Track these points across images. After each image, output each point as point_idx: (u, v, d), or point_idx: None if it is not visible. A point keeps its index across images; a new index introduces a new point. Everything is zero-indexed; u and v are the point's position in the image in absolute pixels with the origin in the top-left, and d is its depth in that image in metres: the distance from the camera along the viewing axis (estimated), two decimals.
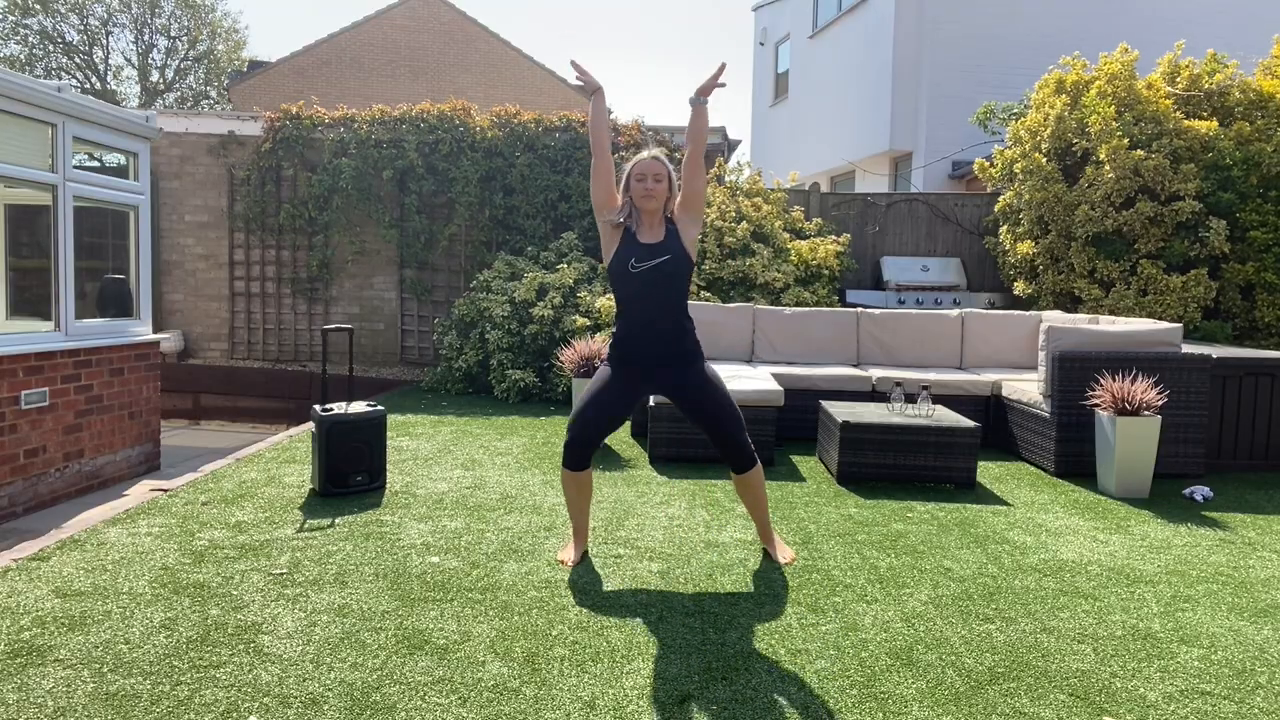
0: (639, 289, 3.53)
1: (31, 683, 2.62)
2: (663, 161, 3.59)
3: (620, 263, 3.55)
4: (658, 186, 3.53)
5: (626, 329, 3.60)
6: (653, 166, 3.56)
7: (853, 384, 6.47)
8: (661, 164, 3.57)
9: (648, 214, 3.57)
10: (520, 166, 9.55)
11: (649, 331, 3.56)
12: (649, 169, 3.55)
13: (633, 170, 3.58)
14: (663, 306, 3.55)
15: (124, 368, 6.23)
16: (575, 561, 3.74)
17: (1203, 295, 7.49)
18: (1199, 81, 8.21)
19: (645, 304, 3.55)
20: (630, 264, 3.52)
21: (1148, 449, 5.03)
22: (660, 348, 3.57)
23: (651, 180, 3.53)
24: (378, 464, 4.85)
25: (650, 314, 3.56)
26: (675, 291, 3.56)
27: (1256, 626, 3.23)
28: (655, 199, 3.54)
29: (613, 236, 3.60)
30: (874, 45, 14.31)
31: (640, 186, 3.54)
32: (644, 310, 3.56)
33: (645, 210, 3.56)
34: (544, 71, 24.08)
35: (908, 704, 2.60)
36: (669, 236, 3.56)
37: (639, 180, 3.55)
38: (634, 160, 3.61)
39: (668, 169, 3.58)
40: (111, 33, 32.04)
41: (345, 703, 2.54)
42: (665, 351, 3.58)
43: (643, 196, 3.53)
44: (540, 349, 8.33)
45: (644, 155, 3.62)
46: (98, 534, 3.99)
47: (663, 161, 3.59)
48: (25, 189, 5.83)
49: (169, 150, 9.95)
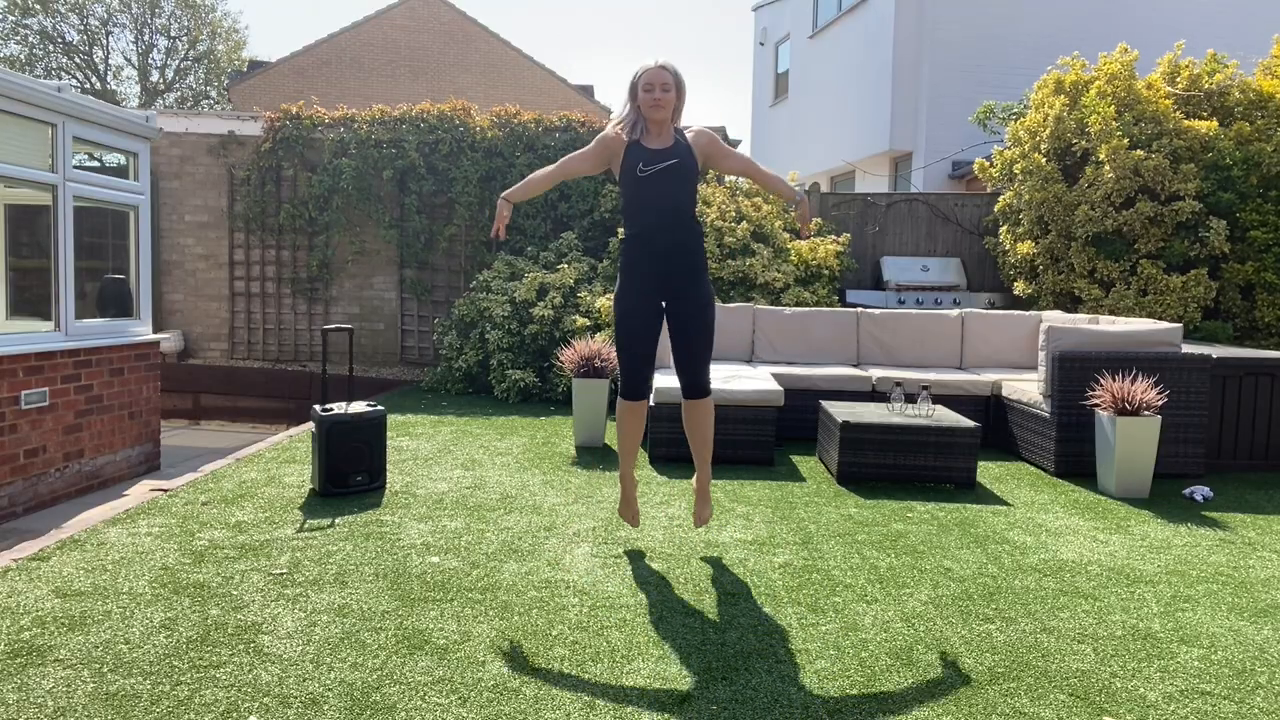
0: (647, 192, 3.54)
1: (31, 683, 2.62)
2: (670, 70, 3.52)
3: (629, 167, 3.54)
4: (665, 96, 3.49)
5: (637, 230, 3.61)
6: (660, 76, 3.49)
7: (853, 384, 6.47)
8: (669, 73, 3.51)
9: (655, 123, 3.54)
10: (520, 166, 9.55)
11: (658, 234, 3.57)
12: (656, 78, 3.49)
13: (640, 80, 3.52)
14: (671, 209, 3.56)
15: (124, 368, 6.23)
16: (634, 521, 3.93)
17: (1203, 295, 7.49)
18: (1199, 81, 8.21)
19: (654, 207, 3.56)
20: (638, 167, 3.52)
21: (1148, 449, 5.02)
22: (669, 250, 3.58)
23: (660, 90, 3.48)
24: (378, 464, 4.85)
25: (659, 216, 3.56)
26: (683, 194, 3.57)
27: (1256, 626, 3.23)
28: (663, 108, 3.50)
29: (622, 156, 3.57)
30: (874, 45, 14.31)
31: (648, 97, 3.49)
32: (653, 213, 3.57)
33: (653, 120, 3.53)
34: (544, 71, 24.08)
35: (908, 704, 2.60)
36: (677, 144, 3.56)
37: (647, 90, 3.50)
38: (641, 70, 3.54)
39: (675, 78, 3.52)
40: (111, 33, 32.06)
41: (345, 703, 2.54)
42: (674, 255, 3.59)
43: (651, 106, 3.49)
44: (540, 349, 8.33)
45: (649, 63, 3.54)
46: (98, 534, 3.99)
47: (670, 70, 3.52)
48: (25, 189, 5.83)
49: (169, 150, 9.94)
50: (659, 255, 3.58)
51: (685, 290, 3.62)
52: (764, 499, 4.81)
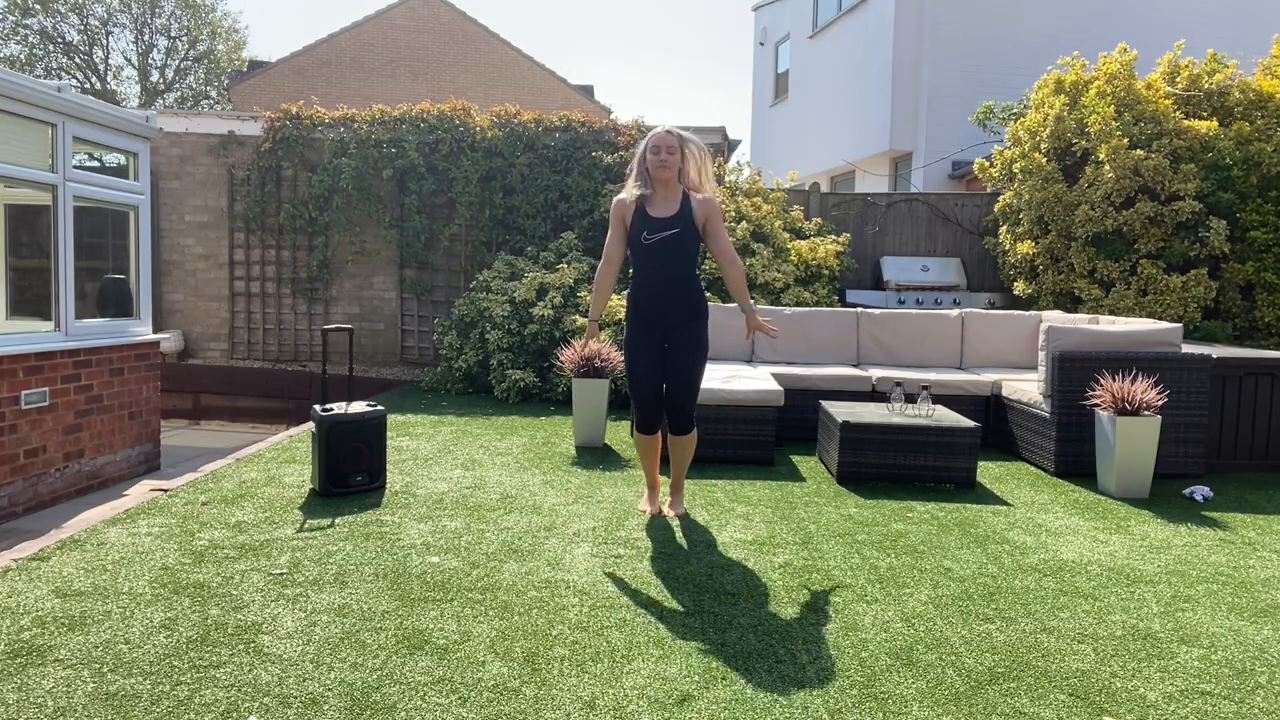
0: (650, 257, 4.01)
1: (31, 683, 2.62)
2: (675, 134, 3.93)
3: (635, 234, 4.02)
4: (671, 158, 3.90)
5: (639, 286, 4.10)
6: (666, 140, 3.91)
7: (853, 384, 6.47)
8: (674, 137, 3.92)
9: (661, 184, 3.96)
10: (520, 166, 9.55)
11: (657, 290, 4.05)
12: (662, 142, 3.91)
13: (647, 144, 3.95)
14: (670, 271, 4.02)
15: (124, 368, 6.23)
16: (653, 512, 4.38)
17: (1203, 295, 7.49)
18: (1199, 81, 8.21)
19: (655, 270, 4.02)
20: (643, 235, 3.98)
21: (1148, 449, 5.02)
22: (667, 303, 4.06)
23: (665, 152, 3.90)
24: (378, 464, 4.85)
25: (659, 276, 4.03)
26: (681, 261, 4.02)
27: (1256, 626, 3.23)
28: (669, 169, 3.91)
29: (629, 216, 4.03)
30: (874, 45, 14.31)
31: (655, 159, 3.90)
32: (654, 273, 4.03)
33: (659, 180, 3.94)
34: (544, 71, 24.09)
35: (908, 704, 2.60)
36: (681, 209, 3.96)
37: (654, 153, 3.91)
38: (649, 135, 3.97)
39: (680, 141, 3.92)
40: (111, 33, 32.06)
41: (345, 703, 2.54)
42: (671, 306, 4.06)
43: (657, 167, 3.90)
44: (540, 349, 8.33)
45: (658, 129, 3.96)
46: (98, 534, 3.99)
47: (675, 134, 3.93)
48: (25, 189, 5.83)
49: (169, 150, 9.94)
50: (656, 310, 4.08)
51: (677, 335, 4.10)
52: (764, 499, 4.81)
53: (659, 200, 3.96)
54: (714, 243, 4.08)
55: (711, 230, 4.04)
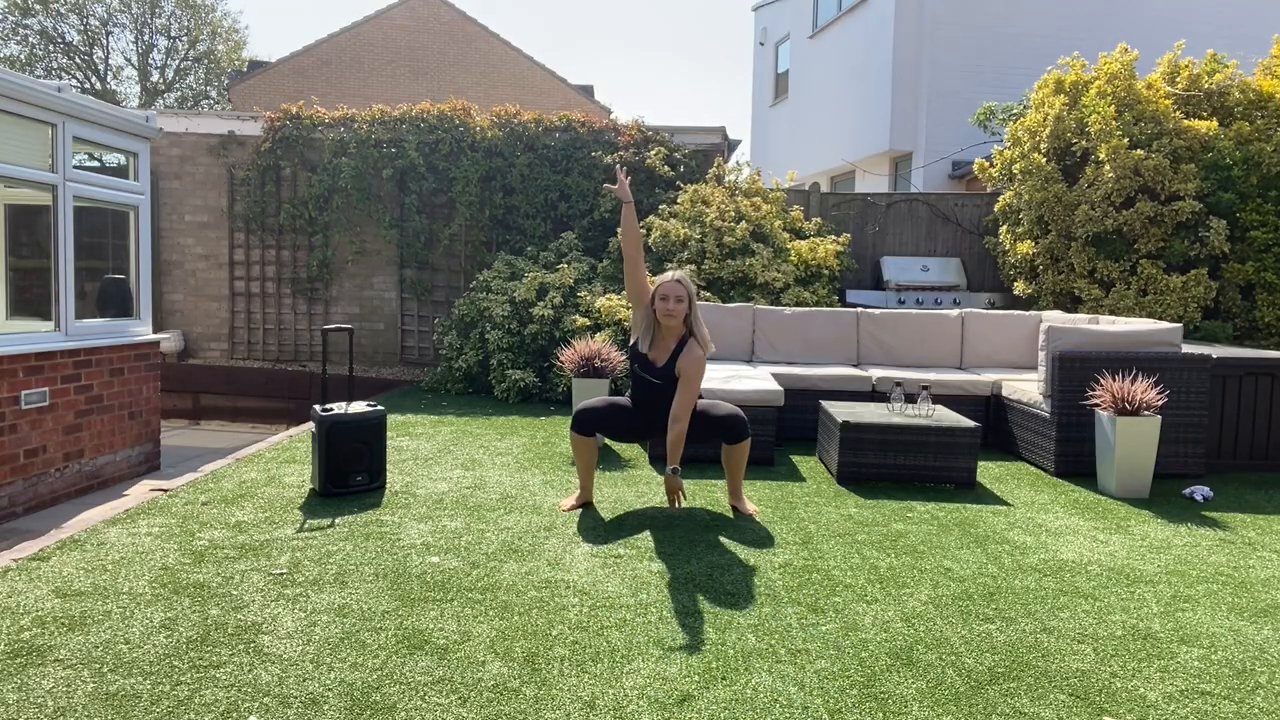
0: (638, 389, 4.40)
1: (31, 683, 2.62)
2: (684, 284, 4.20)
3: (632, 357, 4.40)
4: (678, 307, 4.19)
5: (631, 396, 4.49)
6: (675, 289, 4.19)
7: (853, 384, 6.47)
8: (683, 286, 4.20)
9: (666, 329, 4.25)
10: (520, 166, 9.55)
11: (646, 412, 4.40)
12: (671, 291, 4.19)
13: (659, 289, 4.22)
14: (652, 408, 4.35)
15: (124, 368, 6.23)
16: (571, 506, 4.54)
17: (1203, 295, 7.49)
18: (1199, 81, 8.21)
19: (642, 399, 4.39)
20: (636, 368, 4.37)
21: (1148, 449, 5.03)
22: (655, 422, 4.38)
23: (673, 301, 4.18)
24: (378, 464, 4.85)
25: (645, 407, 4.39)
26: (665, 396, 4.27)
27: (1256, 626, 3.23)
28: (675, 318, 4.21)
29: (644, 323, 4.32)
30: (874, 45, 14.31)
31: (663, 306, 4.19)
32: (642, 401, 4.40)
33: (665, 326, 4.23)
34: (544, 71, 24.09)
35: (908, 704, 2.60)
36: (670, 361, 4.24)
37: (662, 300, 4.20)
38: (660, 279, 4.25)
39: (688, 291, 4.21)
40: (111, 33, 32.06)
41: (345, 703, 2.54)
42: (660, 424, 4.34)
43: (664, 315, 4.19)
44: (540, 349, 8.33)
45: (668, 276, 4.22)
46: (98, 534, 3.99)
47: (684, 284, 4.20)
48: (25, 189, 5.83)
49: (169, 150, 9.95)
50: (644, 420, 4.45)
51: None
52: (764, 499, 4.81)
53: (658, 344, 4.28)
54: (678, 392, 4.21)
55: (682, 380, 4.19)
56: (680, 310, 4.20)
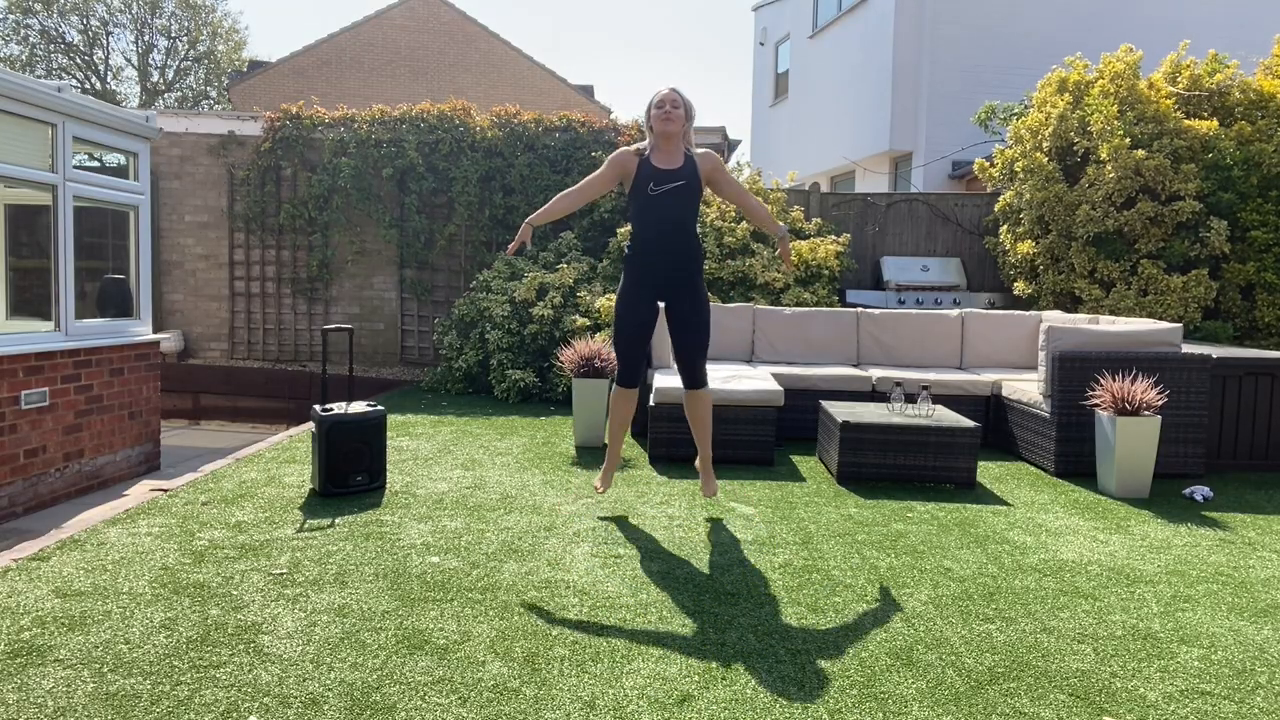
0: (655, 211, 4.04)
1: (31, 683, 2.62)
2: (679, 92, 4.02)
3: (639, 187, 4.04)
4: (675, 112, 3.98)
5: (643, 241, 4.10)
6: (670, 95, 4.01)
7: (853, 384, 6.47)
8: (678, 94, 4.02)
9: (665, 138, 4.01)
10: (520, 166, 9.55)
11: (661, 250, 4.07)
12: (666, 98, 4.00)
13: (652, 101, 4.02)
14: (675, 228, 4.05)
15: (124, 368, 6.23)
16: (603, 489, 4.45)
17: (1203, 295, 7.49)
18: (1200, 81, 8.21)
19: (659, 225, 4.05)
20: (649, 187, 4.01)
21: (1148, 449, 5.02)
22: (673, 254, 4.08)
23: (669, 105, 3.98)
24: (378, 464, 4.85)
25: (663, 230, 4.05)
26: (687, 212, 4.07)
27: (1256, 626, 3.23)
28: (673, 122, 3.98)
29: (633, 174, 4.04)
30: (874, 45, 14.31)
31: (659, 113, 3.98)
32: (657, 230, 4.06)
33: (663, 134, 3.99)
34: (544, 71, 24.09)
35: (908, 704, 2.60)
36: (685, 165, 4.02)
37: (658, 108, 3.99)
38: (653, 95, 4.05)
39: (683, 99, 4.02)
40: (112, 33, 32.06)
41: (345, 703, 2.54)
42: (676, 262, 4.08)
43: (661, 120, 3.96)
44: (540, 349, 8.33)
45: (661, 89, 4.05)
46: (98, 534, 3.99)
47: (679, 92, 4.02)
48: (25, 189, 5.83)
49: (169, 150, 9.95)
50: (661, 263, 4.09)
51: (683, 292, 4.12)
52: (764, 499, 4.81)
53: (663, 154, 4.03)
54: (725, 189, 4.17)
55: (719, 180, 4.12)
56: (677, 115, 3.98)
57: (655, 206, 4.02)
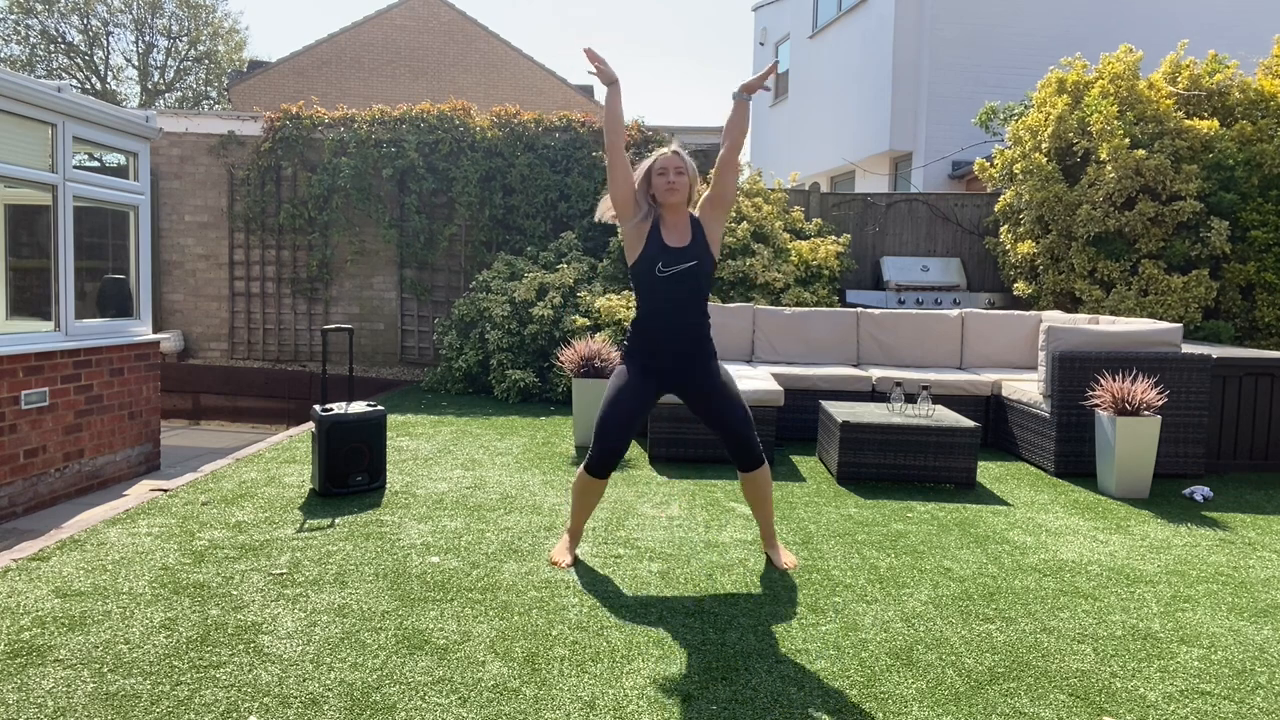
0: (664, 291, 3.52)
1: (31, 683, 2.62)
2: (683, 156, 3.55)
3: (647, 264, 3.51)
4: (680, 179, 3.50)
5: (648, 327, 3.58)
6: (674, 161, 3.52)
7: (853, 384, 6.47)
8: (682, 158, 3.54)
9: (670, 209, 3.54)
10: (520, 166, 9.55)
11: (671, 331, 3.56)
12: (670, 163, 3.51)
13: (653, 166, 3.54)
14: (686, 308, 3.54)
15: (124, 368, 6.23)
16: (570, 563, 3.74)
17: (1204, 296, 7.49)
18: (1199, 82, 8.21)
19: (669, 305, 3.54)
20: (658, 268, 3.49)
21: (1148, 449, 5.02)
22: (681, 346, 3.56)
23: (674, 174, 3.50)
24: (378, 464, 4.85)
25: (673, 315, 3.55)
26: (699, 294, 3.56)
27: (1256, 626, 3.23)
28: (678, 193, 3.50)
29: (637, 236, 3.54)
30: (874, 45, 14.30)
31: (662, 180, 3.50)
32: (667, 311, 3.55)
33: (668, 205, 3.53)
34: (544, 71, 24.09)
35: (908, 704, 2.60)
36: (695, 238, 3.53)
37: (660, 174, 3.51)
38: (653, 155, 3.57)
39: (688, 163, 3.54)
40: (112, 33, 32.05)
41: (345, 703, 2.54)
42: (685, 351, 3.57)
43: (666, 191, 3.49)
44: (540, 349, 8.33)
45: (663, 150, 3.56)
46: (98, 534, 3.99)
47: (683, 156, 3.55)
48: (25, 189, 5.83)
49: (169, 150, 9.94)
50: (669, 348, 3.57)
51: (698, 374, 3.59)
52: None
53: (670, 228, 3.54)
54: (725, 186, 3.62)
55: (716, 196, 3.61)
56: (682, 184, 3.49)
57: (664, 289, 3.52)
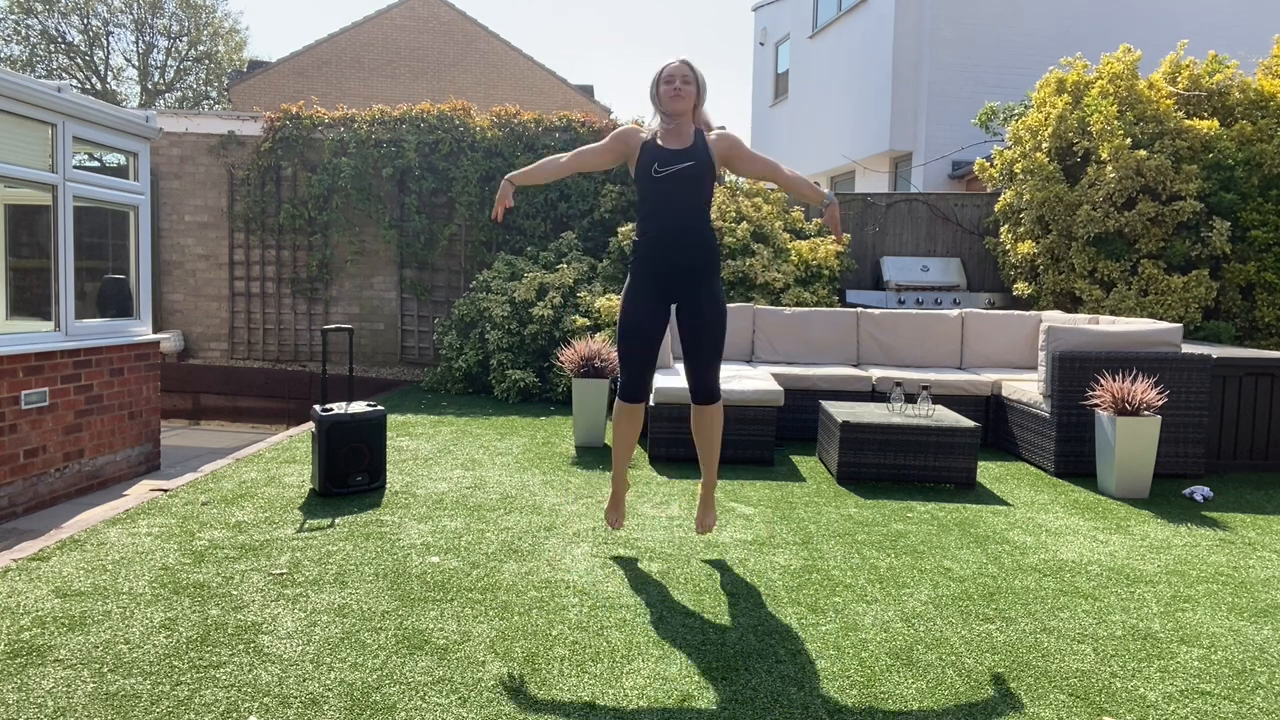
0: (661, 194, 3.53)
1: (31, 683, 2.62)
2: (691, 66, 3.57)
3: (644, 169, 3.53)
4: (686, 88, 3.52)
5: (650, 233, 3.58)
6: (680, 70, 3.54)
7: (853, 384, 6.47)
8: (689, 68, 3.56)
9: (675, 116, 3.55)
10: (520, 166, 9.54)
11: (672, 235, 3.55)
12: (677, 72, 3.54)
13: (661, 74, 3.57)
14: (686, 210, 3.54)
15: (124, 368, 6.23)
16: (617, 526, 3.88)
17: (1204, 295, 7.49)
18: (1199, 82, 8.21)
19: (668, 208, 3.54)
20: (654, 168, 3.51)
21: (1148, 449, 5.02)
22: (683, 252, 3.55)
23: (680, 82, 3.52)
24: (378, 464, 4.85)
25: (673, 218, 3.54)
26: (699, 196, 3.56)
27: (1256, 626, 3.23)
28: (683, 99, 3.51)
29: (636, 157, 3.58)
30: (874, 45, 14.30)
31: (669, 89, 3.52)
32: (667, 214, 3.55)
33: (673, 112, 3.54)
34: (544, 71, 24.10)
35: (908, 704, 2.60)
36: (696, 144, 3.54)
37: (667, 83, 3.53)
38: (661, 66, 3.59)
39: (697, 74, 3.57)
40: (112, 33, 32.06)
41: (345, 703, 2.54)
42: (688, 256, 3.56)
43: (671, 98, 3.51)
44: (540, 349, 8.33)
45: (671, 60, 3.60)
46: (98, 534, 3.99)
47: (691, 66, 3.57)
48: (25, 189, 5.83)
49: (169, 150, 9.94)
50: (670, 257, 3.55)
51: (696, 292, 3.58)
52: (764, 499, 4.81)
53: (670, 134, 3.56)
54: (751, 166, 3.66)
55: (739, 157, 3.62)
56: (689, 92, 3.51)
57: (661, 192, 3.52)
